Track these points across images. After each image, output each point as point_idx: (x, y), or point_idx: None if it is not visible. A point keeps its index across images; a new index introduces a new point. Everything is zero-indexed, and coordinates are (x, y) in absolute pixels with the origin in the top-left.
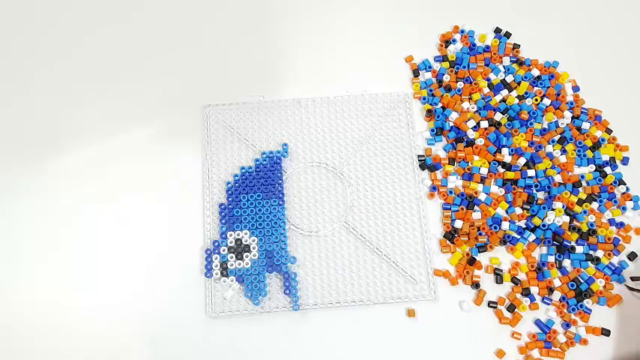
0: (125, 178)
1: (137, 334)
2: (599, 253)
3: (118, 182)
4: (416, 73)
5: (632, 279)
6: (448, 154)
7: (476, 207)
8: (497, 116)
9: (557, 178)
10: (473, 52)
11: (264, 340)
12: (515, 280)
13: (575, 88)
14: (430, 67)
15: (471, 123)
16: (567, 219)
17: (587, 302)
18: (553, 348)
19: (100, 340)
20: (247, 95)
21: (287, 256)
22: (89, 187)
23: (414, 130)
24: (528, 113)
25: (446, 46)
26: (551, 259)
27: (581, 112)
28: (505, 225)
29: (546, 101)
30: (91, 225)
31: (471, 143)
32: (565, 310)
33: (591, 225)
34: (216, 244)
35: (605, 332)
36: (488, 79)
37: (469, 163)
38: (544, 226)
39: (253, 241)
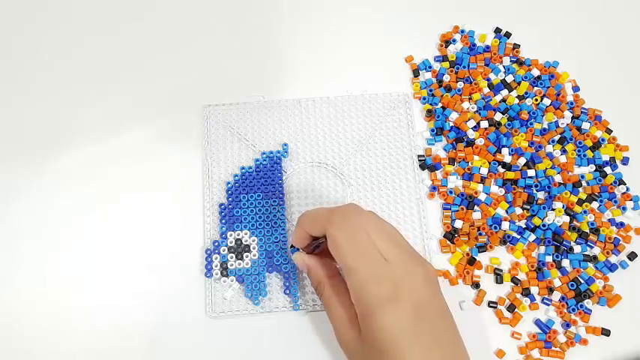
0: (125, 178)
1: (137, 334)
2: (596, 251)
3: (118, 182)
4: (416, 73)
5: None
6: (448, 154)
7: (476, 207)
8: (498, 116)
9: (557, 178)
10: (473, 52)
11: (264, 341)
12: (515, 280)
13: (575, 88)
14: (430, 67)
15: (471, 123)
16: (567, 219)
17: (588, 302)
18: (553, 348)
19: (100, 339)
20: (247, 95)
21: (286, 256)
22: (89, 187)
23: (414, 130)
24: (528, 113)
25: (446, 46)
26: (549, 259)
27: (581, 112)
28: (505, 225)
29: (546, 101)
30: (91, 225)
31: (471, 143)
32: (565, 310)
33: (592, 224)
34: (216, 244)
35: (605, 332)
36: (488, 79)
37: (469, 163)
38: (544, 226)
39: (253, 241)
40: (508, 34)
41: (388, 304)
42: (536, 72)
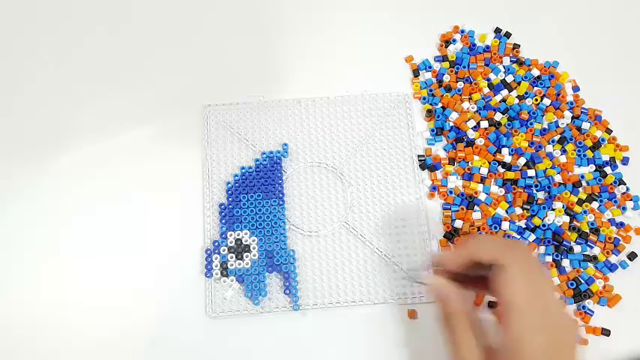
0: (125, 178)
1: (137, 334)
2: (596, 250)
3: (118, 182)
4: (416, 73)
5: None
6: (448, 154)
7: (476, 207)
8: (498, 116)
9: (557, 178)
10: (473, 52)
11: (264, 340)
12: None
13: (575, 88)
14: (430, 67)
15: (471, 123)
16: (567, 219)
17: (588, 303)
18: None
19: (100, 340)
20: (247, 95)
21: (287, 255)
22: (89, 187)
23: (414, 130)
24: (528, 113)
25: (446, 46)
26: (549, 259)
27: (581, 112)
28: (505, 225)
29: (546, 101)
30: (91, 225)
31: (471, 143)
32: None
33: (592, 224)
34: (216, 244)
35: (605, 332)
36: (488, 79)
37: (469, 163)
38: (544, 226)
39: (253, 241)
40: (508, 34)
41: (550, 358)
42: (536, 72)
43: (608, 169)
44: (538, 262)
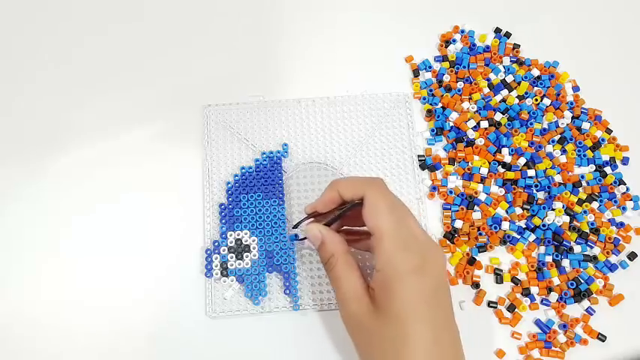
0: (125, 178)
1: (137, 334)
2: (596, 251)
3: (118, 182)
4: (416, 73)
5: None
6: (448, 154)
7: (476, 207)
8: (497, 116)
9: (557, 178)
10: (473, 52)
11: (264, 340)
12: (515, 280)
13: (575, 88)
14: (430, 67)
15: (471, 123)
16: (567, 219)
17: (591, 300)
18: (553, 348)
19: (100, 339)
20: (247, 95)
21: (287, 256)
22: (89, 187)
23: (414, 130)
24: (528, 113)
25: (446, 46)
26: (549, 259)
27: (581, 112)
28: (505, 225)
29: (546, 101)
30: (91, 225)
31: (471, 143)
32: (564, 311)
33: (592, 224)
34: (216, 244)
35: (601, 338)
36: (488, 79)
37: (469, 163)
38: (544, 226)
39: (253, 241)
40: (508, 34)
41: (414, 275)
42: (536, 72)
43: (608, 169)
44: (394, 195)
